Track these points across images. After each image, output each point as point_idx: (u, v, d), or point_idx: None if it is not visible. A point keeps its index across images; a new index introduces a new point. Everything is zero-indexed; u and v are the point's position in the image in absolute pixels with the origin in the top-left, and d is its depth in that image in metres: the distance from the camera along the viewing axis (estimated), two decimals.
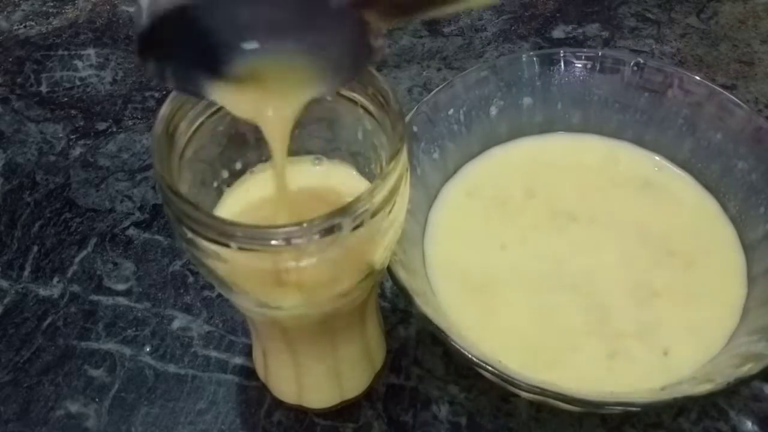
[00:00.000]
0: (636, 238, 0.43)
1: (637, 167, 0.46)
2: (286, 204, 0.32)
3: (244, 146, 0.35)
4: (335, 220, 0.27)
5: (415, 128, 0.43)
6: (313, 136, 0.35)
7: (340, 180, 0.35)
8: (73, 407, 0.42)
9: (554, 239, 0.43)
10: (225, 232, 0.27)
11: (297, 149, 0.36)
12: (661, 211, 0.44)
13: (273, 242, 0.27)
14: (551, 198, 0.45)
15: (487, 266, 0.43)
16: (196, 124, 0.32)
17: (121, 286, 0.47)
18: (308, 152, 0.36)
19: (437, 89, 0.45)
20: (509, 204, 0.45)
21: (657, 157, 0.46)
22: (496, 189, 0.46)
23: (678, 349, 0.39)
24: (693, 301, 0.41)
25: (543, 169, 0.46)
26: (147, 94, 0.58)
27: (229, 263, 0.29)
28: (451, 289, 0.41)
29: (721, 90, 0.44)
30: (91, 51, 0.61)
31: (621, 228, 0.44)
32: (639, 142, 0.46)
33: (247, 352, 0.43)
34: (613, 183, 0.46)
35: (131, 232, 0.49)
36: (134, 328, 0.45)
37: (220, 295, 0.45)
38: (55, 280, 0.47)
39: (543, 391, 0.34)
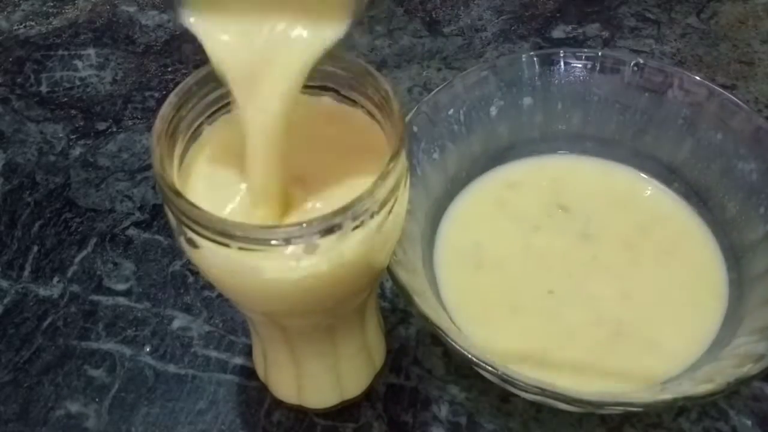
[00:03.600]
0: (630, 249, 0.44)
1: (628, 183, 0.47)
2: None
3: None
4: (335, 220, 0.27)
5: (415, 128, 0.43)
6: None
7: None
8: (73, 407, 0.42)
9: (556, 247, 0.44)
10: (225, 232, 0.27)
11: None
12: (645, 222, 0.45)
13: (273, 242, 0.27)
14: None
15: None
16: (196, 124, 0.32)
17: (121, 286, 0.47)
18: None
19: (437, 89, 0.45)
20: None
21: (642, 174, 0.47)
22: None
23: (665, 348, 0.40)
24: (677, 304, 0.42)
25: (549, 186, 0.47)
26: (147, 94, 0.58)
27: (229, 263, 0.29)
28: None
29: (721, 90, 0.44)
30: (91, 51, 0.61)
31: (616, 241, 0.44)
32: (639, 142, 0.46)
33: (247, 352, 0.43)
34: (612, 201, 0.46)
35: (131, 232, 0.49)
36: (134, 328, 0.45)
37: (220, 295, 0.46)
38: (55, 280, 0.47)
39: (543, 391, 0.34)
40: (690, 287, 0.43)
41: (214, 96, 0.32)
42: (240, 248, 0.28)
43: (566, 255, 0.44)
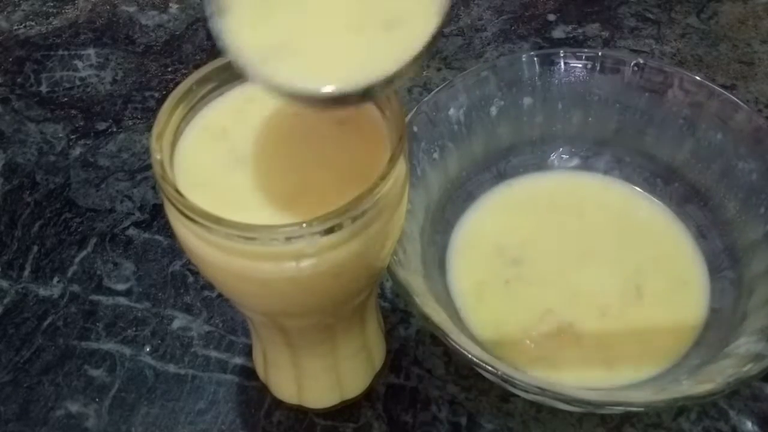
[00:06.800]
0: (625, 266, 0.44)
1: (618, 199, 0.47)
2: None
3: None
4: (335, 220, 0.27)
5: (415, 128, 0.43)
6: None
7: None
8: (73, 407, 0.42)
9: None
10: (225, 232, 0.27)
11: None
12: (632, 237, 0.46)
13: (273, 242, 0.27)
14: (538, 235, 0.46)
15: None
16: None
17: (121, 286, 0.47)
18: None
19: (437, 89, 0.45)
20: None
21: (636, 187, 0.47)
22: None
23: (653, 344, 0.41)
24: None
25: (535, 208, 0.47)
26: (147, 94, 0.58)
27: (229, 263, 0.29)
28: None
29: (721, 90, 0.44)
30: (91, 51, 0.61)
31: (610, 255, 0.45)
32: (639, 142, 0.46)
33: (247, 352, 0.43)
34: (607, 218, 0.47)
35: (131, 232, 0.49)
36: (134, 328, 0.45)
37: (220, 295, 0.46)
38: (55, 280, 0.47)
39: (543, 391, 0.34)
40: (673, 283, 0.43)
41: (214, 95, 0.32)
42: (240, 248, 0.28)
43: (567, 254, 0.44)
